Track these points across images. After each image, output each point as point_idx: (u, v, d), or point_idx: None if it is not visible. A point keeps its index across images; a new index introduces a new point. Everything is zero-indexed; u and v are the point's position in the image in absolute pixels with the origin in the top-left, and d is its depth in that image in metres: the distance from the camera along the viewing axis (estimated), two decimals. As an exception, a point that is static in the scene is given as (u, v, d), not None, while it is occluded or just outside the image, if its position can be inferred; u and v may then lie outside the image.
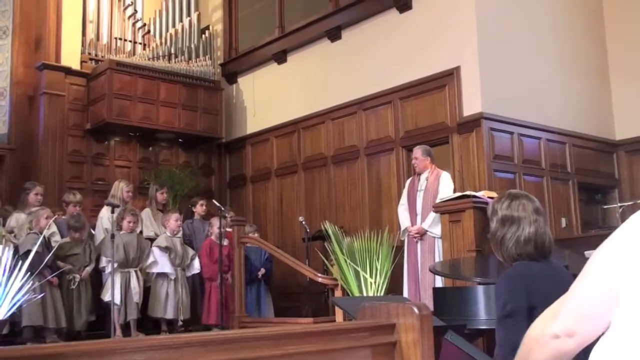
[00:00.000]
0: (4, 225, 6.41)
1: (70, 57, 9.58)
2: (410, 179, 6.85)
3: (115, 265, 6.28)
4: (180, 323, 6.96)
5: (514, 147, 7.64)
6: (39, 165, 9.10)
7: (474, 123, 7.34)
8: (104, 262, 6.63)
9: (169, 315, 6.86)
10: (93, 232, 7.16)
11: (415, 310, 1.81)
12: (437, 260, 5.94)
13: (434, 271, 4.67)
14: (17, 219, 6.52)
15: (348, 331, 1.77)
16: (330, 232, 5.01)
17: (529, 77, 7.81)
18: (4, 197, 8.28)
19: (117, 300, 6.31)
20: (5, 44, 9.77)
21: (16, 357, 1.22)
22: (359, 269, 4.91)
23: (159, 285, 6.88)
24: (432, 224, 6.20)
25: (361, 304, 1.96)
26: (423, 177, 6.60)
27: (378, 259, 4.95)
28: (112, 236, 6.14)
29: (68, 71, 9.47)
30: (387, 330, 1.83)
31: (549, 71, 8.11)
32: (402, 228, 6.46)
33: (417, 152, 6.68)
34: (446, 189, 6.41)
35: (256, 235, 7.80)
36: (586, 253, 5.07)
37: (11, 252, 3.55)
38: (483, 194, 5.78)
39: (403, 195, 6.75)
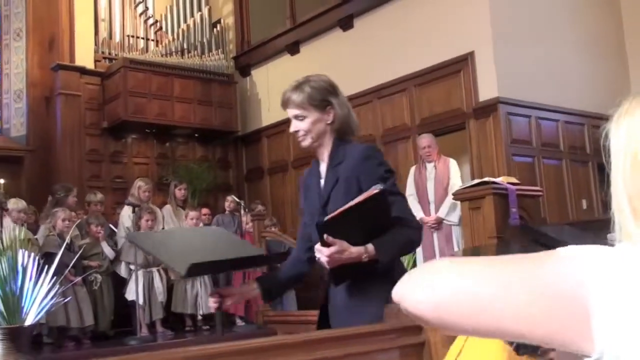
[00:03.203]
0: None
1: (84, 56, 9.64)
2: (415, 168, 6.73)
3: (139, 266, 6.33)
4: (200, 318, 7.00)
5: (532, 131, 7.58)
6: (58, 165, 9.19)
7: (490, 108, 7.29)
8: (122, 269, 6.69)
9: (190, 310, 6.91)
10: (115, 229, 7.21)
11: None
12: (455, 249, 5.92)
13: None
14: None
15: (375, 334, 1.78)
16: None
17: (544, 59, 7.73)
18: (24, 198, 8.36)
19: (141, 300, 6.37)
20: (19, 46, 9.85)
21: None
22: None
23: (177, 281, 6.94)
24: (449, 212, 6.17)
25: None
26: (430, 165, 6.53)
27: (398, 250, 4.95)
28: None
29: (83, 71, 9.52)
30: (414, 331, 1.83)
31: (565, 52, 8.02)
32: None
33: (428, 140, 6.58)
34: (456, 176, 6.39)
35: (274, 229, 7.81)
36: (608, 236, 5.04)
37: (37, 258, 3.58)
38: (502, 179, 5.73)
39: (409, 185, 6.60)
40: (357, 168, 2.23)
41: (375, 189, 2.03)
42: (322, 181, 2.35)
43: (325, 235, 2.01)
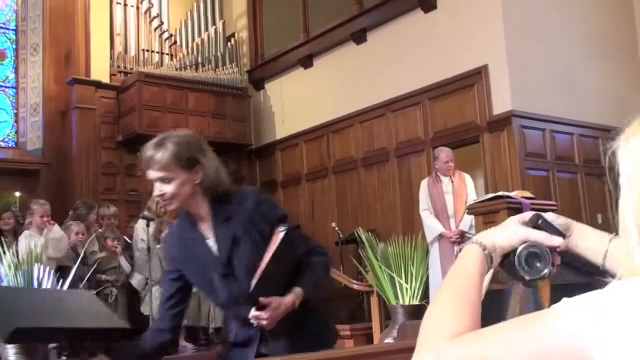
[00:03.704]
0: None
1: (100, 70, 9.73)
2: (428, 181, 6.59)
3: (154, 281, 6.34)
4: (211, 331, 7.00)
5: (546, 144, 7.54)
6: (74, 178, 9.26)
7: (504, 121, 7.27)
8: (135, 281, 6.70)
9: (202, 323, 6.91)
10: (129, 241, 7.23)
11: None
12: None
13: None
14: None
15: (390, 352, 1.77)
16: (363, 238, 4.99)
17: (559, 72, 7.71)
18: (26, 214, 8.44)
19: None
20: (36, 61, 9.96)
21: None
22: (394, 275, 4.88)
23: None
24: (470, 226, 6.14)
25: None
26: (446, 179, 6.47)
27: (413, 264, 4.89)
28: (149, 249, 6.20)
29: (98, 85, 9.61)
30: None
31: (579, 65, 7.99)
32: (435, 234, 6.35)
33: (450, 154, 6.52)
34: (473, 191, 6.37)
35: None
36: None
37: (52, 272, 3.60)
38: (516, 193, 5.70)
39: (424, 200, 6.49)
40: (254, 218, 2.12)
41: (281, 231, 2.04)
42: (210, 241, 2.17)
43: (261, 299, 1.99)
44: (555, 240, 1.05)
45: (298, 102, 9.99)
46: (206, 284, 2.20)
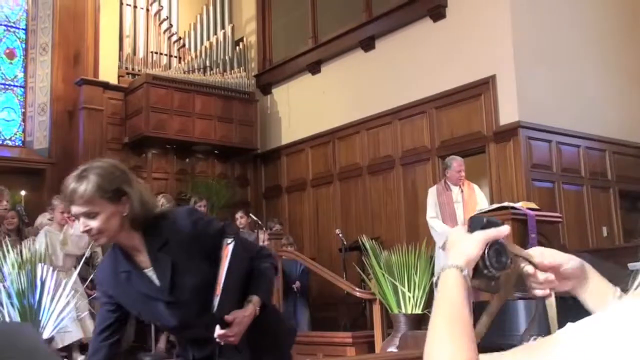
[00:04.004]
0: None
1: (108, 72, 9.76)
2: (437, 189, 6.49)
3: None
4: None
5: (553, 156, 7.53)
6: (79, 178, 9.25)
7: (510, 132, 7.26)
8: None
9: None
10: None
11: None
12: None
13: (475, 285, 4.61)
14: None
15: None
16: (367, 246, 5.00)
17: (566, 84, 7.70)
18: (45, 211, 8.44)
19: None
20: (45, 60, 10.00)
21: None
22: (397, 283, 4.89)
23: None
24: None
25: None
26: (456, 188, 6.43)
27: (416, 273, 4.91)
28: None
29: (106, 86, 9.64)
30: None
31: (586, 77, 7.98)
32: (444, 239, 6.31)
33: (462, 164, 6.44)
34: (484, 200, 6.33)
35: (290, 248, 7.78)
36: (630, 265, 4.97)
37: (55, 272, 3.62)
38: (521, 204, 5.68)
39: (432, 207, 6.41)
40: (193, 237, 2.03)
41: (229, 244, 2.01)
42: (149, 271, 2.05)
43: (225, 317, 1.96)
44: (505, 229, 1.05)
45: (305, 108, 10.00)
46: (151, 314, 2.12)
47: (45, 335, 3.35)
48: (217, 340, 1.98)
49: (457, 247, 1.03)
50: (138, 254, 2.05)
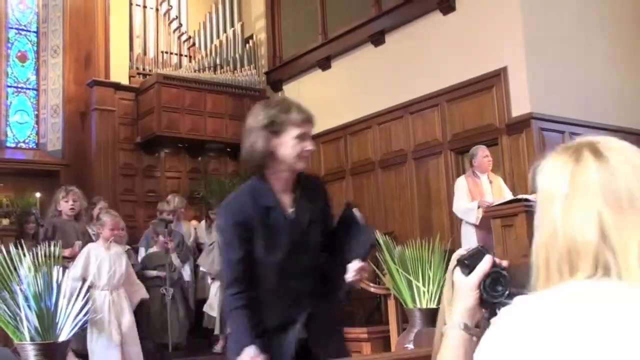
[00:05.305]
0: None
1: (119, 72, 9.80)
2: (468, 178, 6.55)
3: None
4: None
5: (566, 147, 7.46)
6: (92, 179, 9.33)
7: (523, 124, 7.22)
8: (186, 273, 6.78)
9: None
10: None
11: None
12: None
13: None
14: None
15: None
16: (381, 241, 4.99)
17: (579, 74, 7.64)
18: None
19: (216, 312, 6.45)
20: (57, 62, 10.06)
21: None
22: (412, 278, 4.87)
23: None
24: None
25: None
26: (484, 177, 6.50)
27: (430, 267, 4.89)
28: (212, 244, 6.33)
29: (117, 87, 9.69)
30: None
31: (598, 67, 7.92)
32: (474, 208, 6.22)
33: (487, 150, 6.56)
34: (506, 190, 6.43)
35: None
36: None
37: (66, 275, 3.64)
38: (535, 197, 5.65)
39: (465, 196, 6.41)
40: (326, 204, 2.44)
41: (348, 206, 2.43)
42: (290, 210, 2.30)
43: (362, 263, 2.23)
44: (488, 261, 1.15)
45: (316, 104, 9.85)
46: (272, 246, 2.24)
47: (63, 337, 3.38)
48: (351, 274, 2.18)
49: (458, 300, 1.14)
50: (283, 193, 2.31)
